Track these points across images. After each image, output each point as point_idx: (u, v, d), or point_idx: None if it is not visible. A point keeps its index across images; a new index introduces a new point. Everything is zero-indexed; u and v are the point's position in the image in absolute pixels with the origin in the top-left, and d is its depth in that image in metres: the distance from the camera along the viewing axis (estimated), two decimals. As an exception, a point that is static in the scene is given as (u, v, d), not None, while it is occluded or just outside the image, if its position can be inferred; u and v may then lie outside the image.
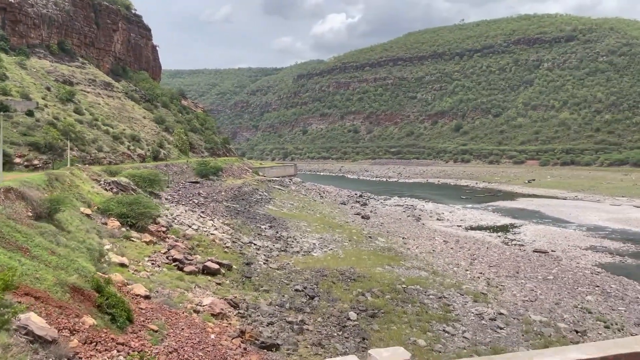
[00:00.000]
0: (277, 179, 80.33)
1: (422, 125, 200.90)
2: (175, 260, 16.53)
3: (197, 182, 50.38)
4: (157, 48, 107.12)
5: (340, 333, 14.46)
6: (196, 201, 35.91)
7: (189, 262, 17.01)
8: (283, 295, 16.95)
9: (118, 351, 8.11)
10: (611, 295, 25.87)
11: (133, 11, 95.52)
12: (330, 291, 18.67)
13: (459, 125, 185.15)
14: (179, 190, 39.69)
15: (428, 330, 15.76)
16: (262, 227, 32.47)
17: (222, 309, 12.54)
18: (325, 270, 21.92)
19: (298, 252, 27.12)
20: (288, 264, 23.31)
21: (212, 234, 24.37)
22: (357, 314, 16.26)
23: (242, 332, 11.62)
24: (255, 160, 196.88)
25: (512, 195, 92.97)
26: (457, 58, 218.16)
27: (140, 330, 9.30)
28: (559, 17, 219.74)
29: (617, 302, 24.60)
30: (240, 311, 13.91)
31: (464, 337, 15.84)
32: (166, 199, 30.05)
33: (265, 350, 11.49)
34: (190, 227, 24.21)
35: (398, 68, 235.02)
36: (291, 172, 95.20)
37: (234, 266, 19.08)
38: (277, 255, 25.09)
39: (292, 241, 30.40)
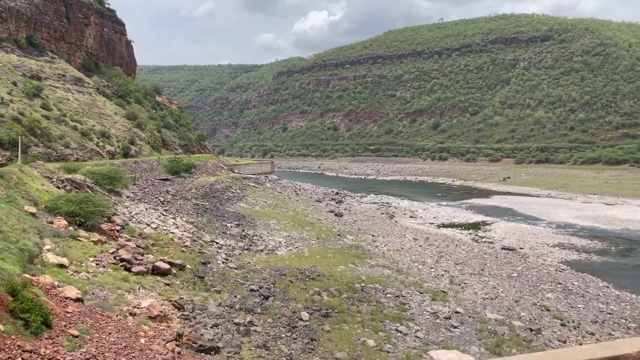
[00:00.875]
0: (253, 176, 79.72)
1: (401, 123, 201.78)
2: (122, 260, 16.05)
3: (167, 180, 49.60)
4: (132, 43, 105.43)
5: (289, 334, 14.18)
6: (162, 199, 35.26)
7: (138, 262, 16.54)
8: (235, 296, 16.60)
9: (23, 359, 7.66)
10: (572, 293, 26.09)
11: (106, 5, 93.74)
12: (287, 291, 18.39)
13: (437, 123, 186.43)
14: (145, 188, 38.97)
15: (380, 330, 15.58)
16: (228, 225, 32.02)
17: (161, 311, 12.15)
18: (285, 269, 21.62)
19: (262, 250, 26.78)
20: (249, 262, 22.95)
21: (171, 233, 23.87)
22: (310, 314, 16.00)
23: (180, 335, 11.25)
24: (234, 157, 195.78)
25: (487, 193, 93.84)
26: (435, 57, 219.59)
27: (58, 336, 8.87)
28: (535, 17, 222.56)
29: (578, 299, 24.80)
30: (184, 313, 13.53)
31: (416, 336, 15.69)
32: (128, 196, 29.42)
33: (202, 354, 11.14)
34: (149, 225, 23.67)
35: (378, 66, 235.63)
36: (268, 169, 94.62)
37: (187, 266, 18.65)
38: (240, 254, 24.70)
39: (258, 240, 30.03)
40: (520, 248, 40.77)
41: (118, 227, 20.64)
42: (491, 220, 57.85)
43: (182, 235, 24.09)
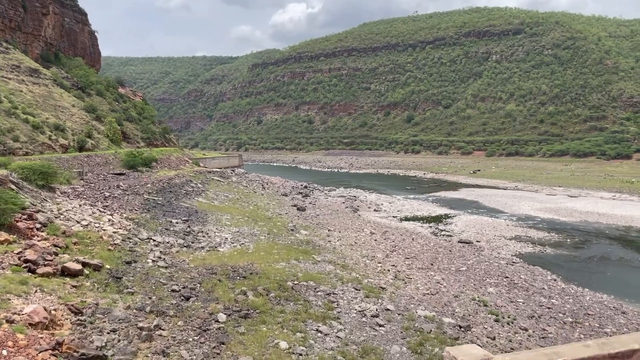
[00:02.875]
0: (219, 170, 78.45)
1: (375, 116, 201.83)
2: (27, 261, 15.09)
3: (122, 174, 48.18)
4: (96, 34, 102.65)
5: (197, 338, 13.44)
6: (108, 194, 34.04)
7: (46, 263, 15.60)
8: (150, 297, 15.78)
9: None
10: (517, 287, 25.92)
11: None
12: (213, 291, 17.63)
13: (411, 116, 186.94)
14: (92, 183, 37.63)
15: (300, 330, 14.96)
16: (174, 221, 31.03)
17: (46, 317, 11.29)
18: (219, 267, 20.86)
19: (203, 247, 25.92)
20: (184, 261, 22.10)
21: (103, 230, 22.86)
22: (228, 316, 15.28)
23: (59, 344, 10.44)
24: (208, 150, 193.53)
25: (455, 186, 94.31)
26: (410, 49, 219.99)
27: None
28: (508, 11, 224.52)
29: (520, 293, 24.63)
30: (81, 318, 12.68)
31: (337, 336, 15.12)
32: (64, 192, 28.24)
33: (85, 363, 10.37)
34: (78, 223, 22.62)
35: (352, 59, 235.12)
36: (235, 163, 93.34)
37: (106, 266, 17.73)
38: (177, 252, 23.82)
39: (202, 236, 29.15)
40: (477, 241, 40.72)
41: (38, 225, 19.58)
42: (454, 214, 57.91)
43: (114, 232, 23.08)
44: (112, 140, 63.80)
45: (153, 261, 20.66)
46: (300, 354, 13.36)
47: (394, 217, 54.98)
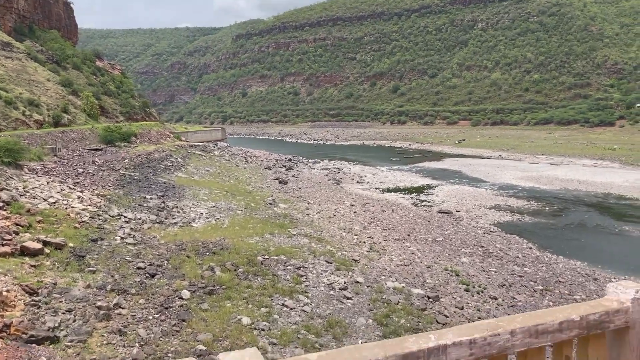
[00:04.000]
0: (201, 144, 77.60)
1: (361, 87, 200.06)
2: (-17, 241, 14.73)
3: (99, 150, 47.33)
4: (72, 5, 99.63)
5: (157, 316, 13.26)
6: (80, 170, 33.39)
7: (5, 242, 15.22)
8: (112, 276, 15.52)
9: None
10: (491, 256, 26.06)
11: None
12: (180, 267, 17.42)
13: (397, 86, 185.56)
14: (66, 159, 36.88)
15: (265, 305, 14.84)
16: (148, 197, 30.59)
17: (-4, 299, 11.01)
18: (189, 243, 20.61)
19: (176, 223, 25.62)
20: (154, 237, 21.82)
21: (71, 208, 22.43)
22: (192, 292, 15.10)
23: (7, 326, 10.18)
24: (193, 124, 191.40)
25: (440, 156, 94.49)
26: (395, 18, 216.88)
27: None
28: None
29: (494, 262, 24.76)
30: (36, 298, 12.41)
31: (302, 310, 15.04)
32: (32, 169, 27.60)
33: (34, 345, 10.15)
34: (45, 200, 22.13)
35: (338, 28, 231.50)
36: (218, 136, 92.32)
37: (70, 244, 17.40)
38: (148, 228, 23.50)
39: (178, 211, 28.81)
40: (456, 211, 40.87)
41: (1, 204, 19.11)
42: (436, 184, 58.02)
43: (82, 210, 22.66)
44: (90, 115, 62.54)
45: (122, 238, 20.34)
46: (263, 329, 13.27)
47: (376, 188, 54.96)
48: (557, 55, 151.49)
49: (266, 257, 19.52)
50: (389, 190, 53.47)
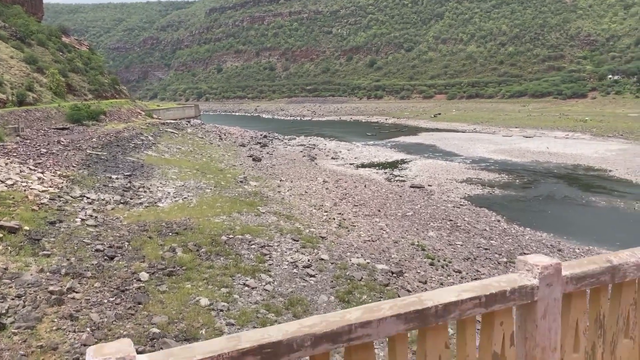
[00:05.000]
0: (174, 121, 76.29)
1: (338, 62, 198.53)
2: None
3: (65, 129, 46.07)
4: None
5: (112, 299, 13.00)
6: (44, 151, 32.47)
7: (-47, 228, 14.72)
8: (68, 259, 15.15)
9: None
10: (459, 229, 26.28)
11: None
12: (141, 248, 17.09)
13: (373, 60, 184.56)
14: (29, 139, 35.81)
15: (226, 285, 14.68)
16: (114, 177, 29.94)
17: (-64, 288, 10.61)
18: (152, 223, 20.25)
19: (142, 203, 25.14)
20: (117, 218, 21.36)
21: (30, 189, 21.78)
22: (151, 274, 14.83)
23: (-52, 316, 9.84)
24: (167, 101, 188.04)
25: (416, 130, 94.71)
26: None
27: None
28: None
29: (461, 235, 24.98)
30: (-16, 285, 12.03)
31: (264, 289, 14.93)
32: (-10, 151, 26.76)
33: (-23, 334, 9.84)
34: (2, 182, 21.44)
35: (313, 1, 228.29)
36: (192, 113, 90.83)
37: (25, 227, 16.90)
38: (112, 209, 23.00)
39: (144, 191, 28.27)
40: (428, 185, 41.06)
41: (-48, 188, 18.45)
42: (410, 158, 58.19)
43: (42, 191, 22.04)
44: (56, 93, 60.67)
45: (82, 220, 19.85)
46: (221, 310, 13.12)
47: (350, 164, 54.89)
48: (532, 27, 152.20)
49: (231, 236, 19.31)
50: (363, 166, 53.44)
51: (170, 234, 19.07)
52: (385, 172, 48.92)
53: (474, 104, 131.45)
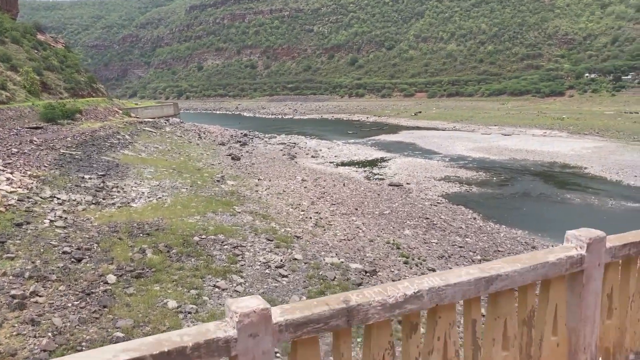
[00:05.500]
0: (152, 120, 75.36)
1: (319, 60, 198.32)
2: None
3: (38, 128, 45.10)
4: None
5: (77, 303, 12.69)
6: (15, 150, 31.73)
7: None
8: (33, 262, 14.77)
9: None
10: (435, 227, 26.37)
11: None
12: (111, 250, 16.75)
13: (355, 59, 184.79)
14: (0, 139, 35.01)
15: (196, 287, 14.46)
16: (87, 177, 29.37)
17: None
18: (123, 224, 19.89)
19: (114, 204, 24.69)
20: (88, 219, 20.93)
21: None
22: (119, 277, 14.54)
23: None
24: (147, 99, 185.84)
25: (396, 128, 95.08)
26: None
27: None
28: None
29: (437, 233, 25.06)
30: (-59, 290, 11.65)
31: (235, 290, 14.75)
32: (-44, 151, 26.04)
33: None
34: (-32, 184, 20.91)
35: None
36: (170, 112, 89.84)
37: (-11, 230, 16.47)
38: (83, 210, 22.54)
39: (118, 191, 27.79)
40: (407, 183, 41.19)
41: None
42: (390, 157, 58.36)
43: (10, 192, 21.51)
44: (30, 91, 59.42)
45: (51, 221, 19.39)
46: (190, 312, 12.90)
47: (330, 162, 54.84)
48: (511, 26, 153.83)
49: (203, 236, 19.05)
50: (343, 164, 53.42)
51: (142, 234, 18.74)
52: (365, 171, 48.96)
53: (454, 102, 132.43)
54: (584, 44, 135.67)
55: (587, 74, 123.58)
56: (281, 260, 17.10)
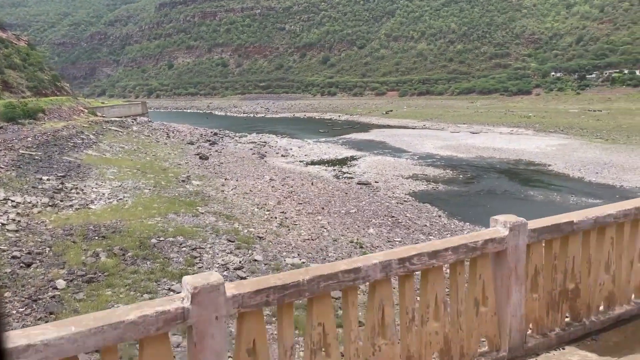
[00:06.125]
0: (119, 119, 73.92)
1: (291, 58, 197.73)
2: None
3: (-3, 128, 43.78)
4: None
5: (22, 310, 12.25)
6: (-31, 152, 30.75)
7: None
8: (-21, 268, 14.23)
9: None
10: (399, 226, 26.47)
11: None
12: (63, 254, 16.25)
13: (327, 57, 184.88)
14: (-47, 140, 33.79)
15: (149, 291, 14.11)
16: (45, 178, 28.56)
17: None
18: (78, 227, 19.35)
19: (72, 206, 24.04)
20: (42, 222, 20.31)
21: (-54, 194, 20.45)
22: (69, 282, 14.10)
23: None
24: (117, 98, 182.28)
25: (368, 127, 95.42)
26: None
27: None
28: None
29: (401, 232, 25.15)
30: None
31: (191, 294, 14.45)
32: None
33: None
34: None
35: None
36: (138, 111, 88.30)
37: None
38: (38, 212, 21.86)
39: (77, 193, 27.08)
40: (375, 182, 41.29)
41: None
42: (360, 155, 58.48)
43: (-41, 196, 20.73)
44: (-11, 90, 57.58)
45: (2, 225, 18.75)
46: (142, 318, 12.55)
47: (300, 161, 54.65)
48: (479, 25, 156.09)
49: (161, 238, 18.66)
50: (313, 163, 53.28)
51: (97, 237, 18.25)
52: (334, 169, 48.93)
53: (424, 101, 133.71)
54: (550, 43, 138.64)
55: (553, 73, 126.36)
56: (240, 262, 16.86)
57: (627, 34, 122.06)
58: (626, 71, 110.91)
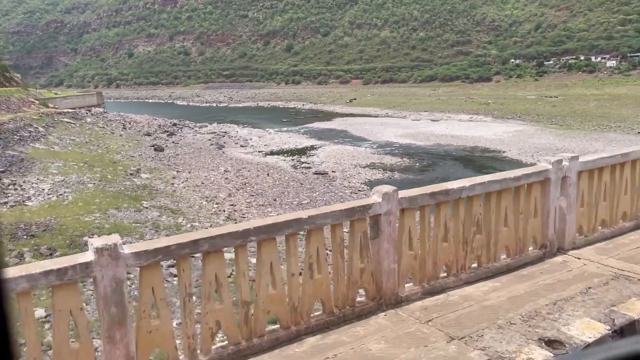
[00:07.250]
0: (72, 110, 71.45)
1: (255, 46, 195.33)
2: None
3: None
4: None
5: None
6: None
7: None
8: None
9: None
10: (350, 216, 26.26)
11: None
12: (-14, 256, 15.34)
13: (290, 45, 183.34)
14: None
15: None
16: (-19, 174, 27.28)
17: None
18: (6, 226, 18.40)
19: (7, 203, 22.93)
20: (-29, 222, 19.26)
21: None
22: (-14, 286, 13.30)
23: None
24: (75, 88, 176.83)
25: (331, 116, 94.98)
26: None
27: None
28: None
29: (351, 222, 24.94)
30: None
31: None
32: None
33: None
34: None
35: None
36: (93, 101, 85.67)
37: None
38: (-32, 211, 20.77)
39: (15, 189, 25.87)
40: (332, 171, 40.97)
41: None
42: (320, 144, 58.04)
43: None
44: None
45: None
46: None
47: (259, 152, 53.86)
48: (441, 13, 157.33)
49: (95, 236, 17.89)
50: (272, 153, 52.59)
51: (26, 236, 17.37)
52: (293, 159, 48.41)
53: (388, 89, 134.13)
54: (510, 30, 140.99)
55: (512, 60, 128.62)
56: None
57: (584, 21, 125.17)
58: (582, 57, 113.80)
